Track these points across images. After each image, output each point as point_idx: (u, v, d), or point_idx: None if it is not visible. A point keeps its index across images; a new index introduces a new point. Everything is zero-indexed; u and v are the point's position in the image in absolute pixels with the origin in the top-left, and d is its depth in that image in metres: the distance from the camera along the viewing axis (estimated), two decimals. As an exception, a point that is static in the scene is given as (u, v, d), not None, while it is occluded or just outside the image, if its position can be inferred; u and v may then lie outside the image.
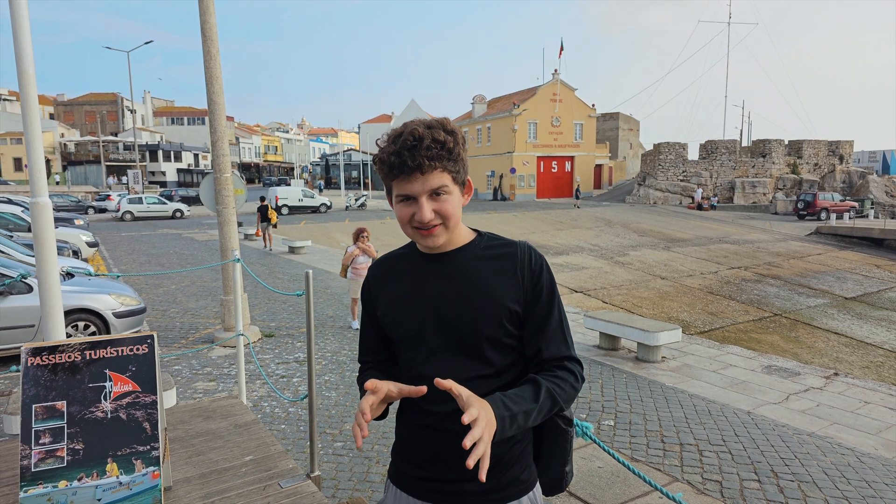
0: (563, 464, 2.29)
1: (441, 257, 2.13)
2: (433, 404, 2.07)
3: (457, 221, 2.06)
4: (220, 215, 11.26)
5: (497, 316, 2.04)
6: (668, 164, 64.69)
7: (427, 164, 1.92)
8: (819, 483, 6.20)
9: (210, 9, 10.83)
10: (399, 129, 2.00)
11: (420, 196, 1.96)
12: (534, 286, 2.09)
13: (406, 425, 2.25)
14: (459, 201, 2.06)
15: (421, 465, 2.17)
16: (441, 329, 2.07)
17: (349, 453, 6.71)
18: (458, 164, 2.02)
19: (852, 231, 40.37)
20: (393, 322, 2.20)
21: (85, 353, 2.21)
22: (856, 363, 16.71)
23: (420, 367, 2.12)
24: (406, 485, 2.22)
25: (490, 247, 2.15)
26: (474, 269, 2.10)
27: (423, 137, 1.93)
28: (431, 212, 1.97)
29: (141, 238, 32.73)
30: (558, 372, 2.06)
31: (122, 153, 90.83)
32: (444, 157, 1.96)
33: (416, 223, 2.00)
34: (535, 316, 2.09)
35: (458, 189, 2.05)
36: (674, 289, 24.82)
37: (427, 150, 1.92)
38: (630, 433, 7.44)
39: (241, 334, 7.69)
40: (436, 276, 2.12)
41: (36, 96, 4.61)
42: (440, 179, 1.97)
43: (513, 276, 2.08)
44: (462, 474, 2.06)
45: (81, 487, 2.11)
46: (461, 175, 2.05)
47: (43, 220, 4.66)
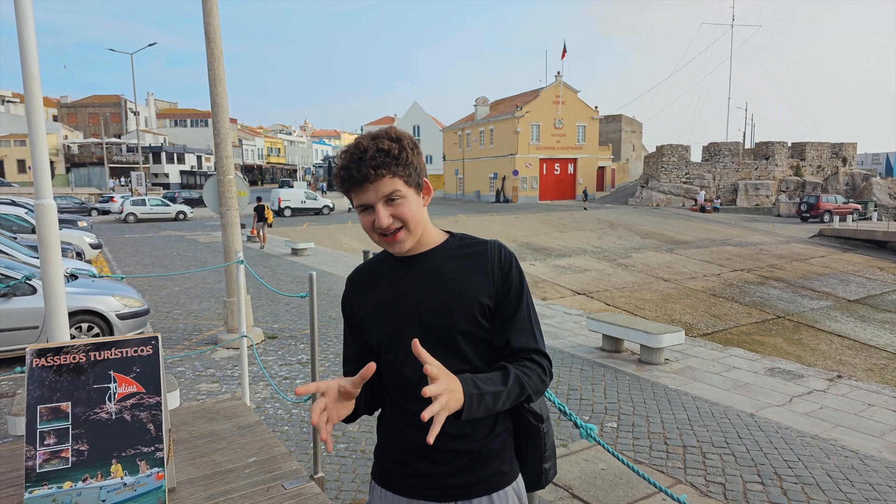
0: (540, 460, 2.34)
1: (414, 259, 2.19)
2: (415, 402, 2.09)
3: (418, 223, 2.12)
4: (224, 217, 11.27)
5: (470, 311, 2.10)
6: (671, 166, 64.70)
7: (373, 174, 2.00)
8: (822, 485, 6.19)
9: (213, 11, 10.84)
10: (349, 144, 2.10)
11: (375, 203, 2.04)
12: (503, 281, 2.15)
13: (389, 425, 2.29)
14: (417, 203, 2.12)
15: (406, 462, 2.20)
16: (418, 327, 2.11)
17: (352, 455, 6.72)
18: (408, 168, 2.07)
19: (855, 233, 40.39)
20: (371, 326, 2.24)
21: (90, 354, 2.22)
22: (859, 365, 16.72)
23: (401, 368, 2.16)
24: (391, 484, 2.25)
25: (461, 246, 2.23)
26: (447, 267, 2.17)
27: (367, 149, 2.02)
28: (389, 217, 2.05)
29: (144, 240, 32.78)
30: (526, 363, 2.12)
31: (126, 155, 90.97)
32: (390, 164, 2.02)
33: (378, 230, 2.07)
34: (504, 309, 2.15)
35: (413, 192, 2.10)
36: (676, 291, 24.83)
37: (371, 159, 2.00)
38: (633, 435, 7.44)
39: (245, 336, 7.70)
40: (410, 278, 2.18)
41: (40, 98, 4.61)
42: (391, 185, 2.03)
43: (484, 273, 2.15)
44: (447, 469, 2.14)
45: (86, 488, 2.11)
46: (414, 178, 2.10)
47: (47, 221, 4.67)
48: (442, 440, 2.05)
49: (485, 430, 2.16)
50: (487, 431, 2.16)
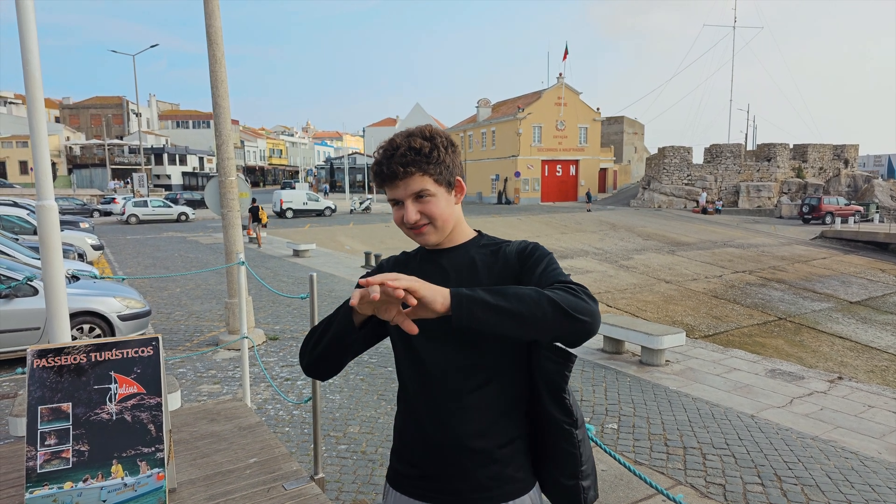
0: (576, 475, 2.10)
1: (441, 252, 2.21)
2: (431, 397, 2.11)
3: (446, 221, 2.12)
4: (225, 218, 11.28)
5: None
6: (673, 167, 64.68)
7: (401, 171, 2.03)
8: (822, 487, 6.20)
9: (215, 12, 10.85)
10: (386, 140, 2.13)
11: (405, 199, 2.07)
12: (525, 260, 2.10)
13: (402, 423, 2.28)
14: (447, 202, 2.12)
15: (417, 464, 2.18)
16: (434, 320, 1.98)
17: (353, 456, 6.73)
18: (439, 167, 2.07)
19: (857, 235, 40.36)
20: None
21: (90, 355, 2.22)
22: (860, 367, 16.71)
23: (417, 359, 2.15)
24: (404, 486, 2.22)
25: (488, 244, 2.22)
26: (471, 260, 2.16)
27: (399, 146, 2.05)
28: (417, 213, 2.07)
29: (146, 241, 32.79)
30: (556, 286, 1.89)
31: (128, 156, 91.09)
32: (420, 163, 2.04)
33: (406, 224, 2.10)
34: (531, 272, 2.04)
35: (443, 190, 2.11)
36: (678, 292, 24.82)
37: (402, 157, 2.03)
38: (633, 436, 7.45)
39: (246, 337, 7.71)
40: (436, 267, 2.18)
41: (42, 100, 4.62)
42: (420, 183, 2.05)
43: (505, 262, 2.12)
44: (458, 471, 2.09)
45: (87, 489, 2.12)
46: (444, 176, 2.10)
47: (48, 223, 4.68)
48: (455, 439, 2.07)
49: (499, 430, 2.10)
50: (502, 432, 2.10)
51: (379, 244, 32.12)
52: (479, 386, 2.07)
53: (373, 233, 38.41)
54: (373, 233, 38.41)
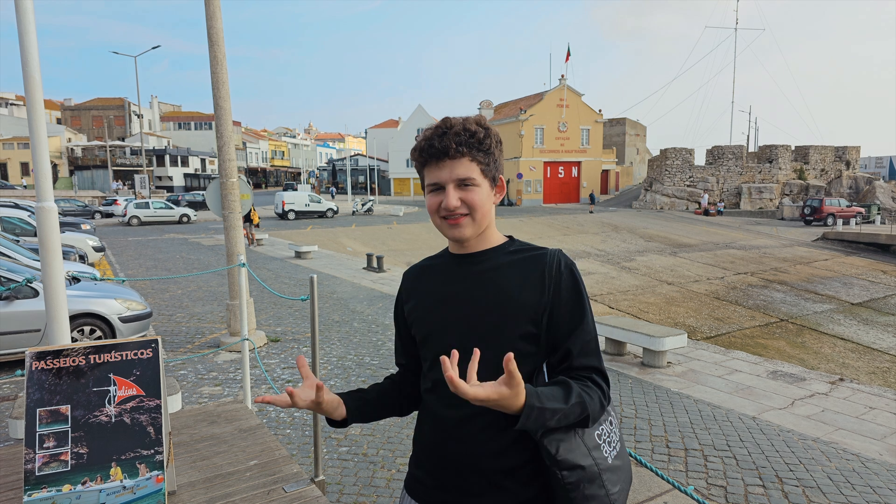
0: None
1: (470, 258, 2.13)
2: (450, 408, 2.05)
3: (485, 215, 2.06)
4: (227, 220, 11.27)
5: (520, 318, 2.00)
6: (675, 169, 64.68)
7: (454, 149, 1.97)
8: (824, 488, 6.19)
9: (217, 14, 10.85)
10: (437, 121, 2.06)
11: (447, 183, 1.99)
12: (560, 290, 2.03)
13: (422, 432, 2.23)
14: (489, 196, 2.07)
15: (436, 475, 2.13)
16: (463, 328, 2.05)
17: (354, 458, 6.72)
18: (488, 157, 2.03)
19: (859, 236, 40.33)
20: (417, 321, 2.20)
21: (89, 357, 2.22)
22: (862, 369, 16.69)
23: (438, 368, 2.05)
24: (420, 495, 2.19)
25: (520, 250, 2.14)
26: (502, 270, 2.08)
27: (454, 125, 2.00)
28: (458, 199, 1.99)
29: (147, 243, 32.80)
30: (588, 383, 1.97)
31: (129, 158, 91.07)
32: (472, 146, 1.99)
33: (443, 212, 2.03)
34: (564, 319, 2.03)
35: (487, 183, 2.06)
36: (680, 294, 24.81)
37: (456, 135, 1.97)
38: (635, 438, 7.44)
39: (247, 339, 7.70)
40: (462, 277, 2.12)
41: (42, 101, 4.62)
42: (468, 170, 2.00)
43: (540, 280, 2.04)
44: (473, 486, 2.04)
45: (85, 491, 2.11)
46: (491, 170, 2.06)
47: (48, 224, 4.67)
48: (471, 455, 2.02)
49: (517, 451, 2.01)
50: (519, 454, 2.02)
51: (381, 246, 32.14)
52: None
53: (375, 234, 38.43)
54: (375, 234, 38.43)
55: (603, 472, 1.96)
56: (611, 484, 1.97)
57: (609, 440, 2.04)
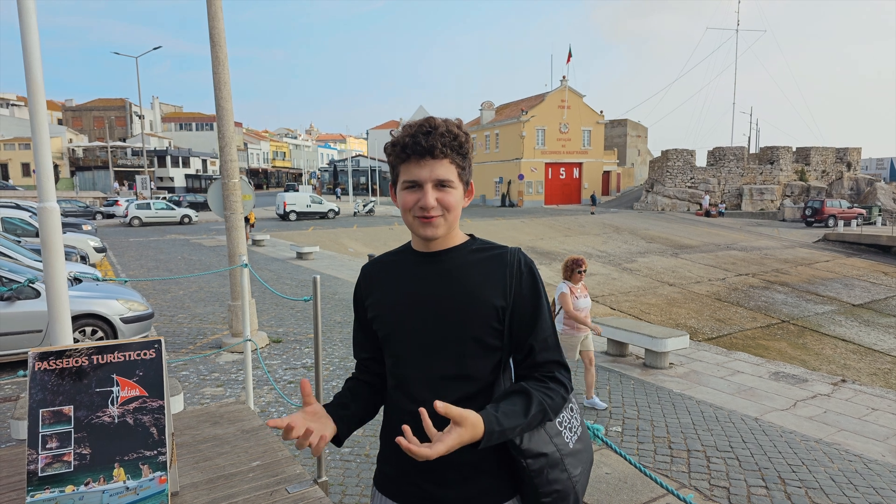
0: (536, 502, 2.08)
1: (433, 256, 2.17)
2: (416, 404, 2.06)
3: (455, 217, 2.11)
4: (228, 221, 11.27)
5: (483, 315, 2.06)
6: (676, 170, 64.65)
7: (439, 149, 2.00)
8: (826, 489, 6.18)
9: (218, 14, 10.85)
10: (417, 120, 2.08)
11: (426, 183, 2.02)
12: (522, 287, 2.10)
13: (389, 427, 2.27)
14: (461, 199, 2.11)
15: (404, 469, 2.17)
16: (426, 326, 2.09)
17: (356, 459, 6.72)
18: (465, 161, 2.09)
19: (860, 238, 40.31)
20: (379, 318, 2.22)
21: (92, 357, 2.21)
22: (863, 370, 16.69)
23: (403, 365, 2.15)
24: (390, 490, 2.23)
25: (481, 249, 2.19)
26: (464, 268, 2.13)
27: (439, 126, 2.02)
28: (435, 199, 2.02)
29: (149, 243, 32.81)
30: (550, 383, 2.07)
31: (131, 159, 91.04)
32: (455, 149, 2.04)
33: (418, 210, 2.05)
34: (525, 317, 2.10)
35: (461, 187, 2.11)
36: (682, 295, 24.80)
37: (442, 136, 2.00)
38: (638, 439, 7.44)
39: (249, 340, 7.70)
40: (425, 275, 2.16)
41: (44, 102, 4.61)
42: (447, 171, 2.03)
43: (501, 278, 2.10)
44: (444, 478, 2.10)
45: (88, 492, 2.11)
46: (466, 174, 2.12)
47: (51, 224, 4.67)
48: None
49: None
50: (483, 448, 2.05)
51: (382, 247, 32.11)
52: (464, 397, 2.05)
53: (376, 235, 38.43)
54: (376, 235, 38.43)
55: (565, 456, 2.07)
56: (572, 467, 2.09)
57: (570, 426, 2.16)
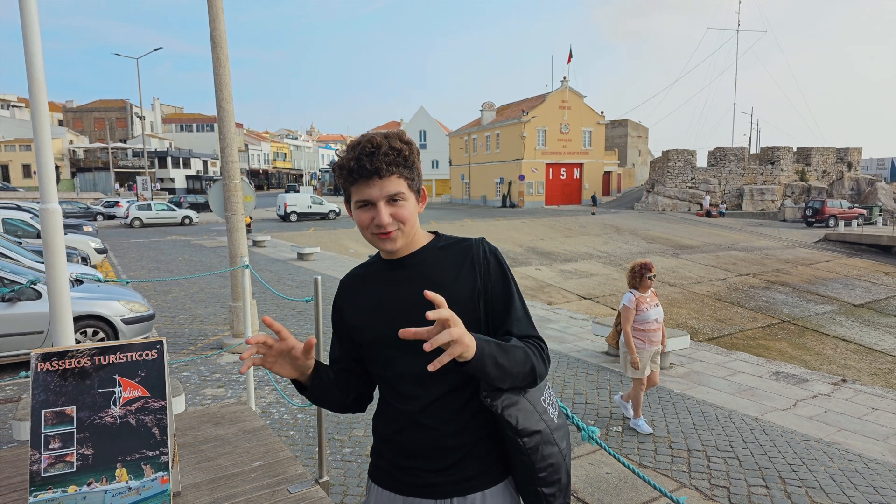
0: (532, 480, 2.14)
1: (402, 261, 2.22)
2: (406, 402, 2.17)
3: (413, 226, 2.16)
4: (229, 222, 11.28)
5: (460, 309, 2.04)
6: (677, 171, 64.64)
7: (385, 169, 2.03)
8: (826, 489, 6.19)
9: (219, 16, 10.87)
10: (357, 138, 2.11)
11: (378, 201, 2.06)
12: (490, 274, 2.18)
13: (381, 425, 2.32)
14: (415, 208, 2.17)
15: (398, 461, 2.24)
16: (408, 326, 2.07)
17: (357, 459, 6.73)
18: (413, 172, 2.14)
19: (860, 238, 40.27)
20: (361, 327, 2.28)
21: (94, 358, 2.22)
22: (864, 370, 16.68)
23: (392, 367, 2.20)
24: (386, 482, 2.28)
25: (447, 245, 2.26)
26: (433, 266, 2.20)
27: (381, 145, 2.04)
28: (389, 216, 2.07)
29: (150, 245, 32.81)
30: (530, 343, 2.11)
31: (131, 160, 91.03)
32: (400, 164, 2.07)
33: (374, 228, 2.09)
34: (498, 303, 2.17)
35: (413, 196, 2.16)
36: (682, 295, 24.80)
37: (385, 155, 2.03)
38: (638, 439, 7.44)
39: (250, 340, 7.69)
40: (397, 280, 2.22)
41: (45, 103, 4.63)
42: (396, 186, 2.07)
43: (470, 268, 2.17)
44: (439, 465, 2.16)
45: (91, 492, 2.12)
46: (416, 183, 2.17)
47: (52, 226, 4.68)
48: (434, 437, 2.13)
49: (475, 426, 2.16)
50: (478, 428, 2.17)
51: (382, 247, 32.05)
52: (452, 389, 2.13)
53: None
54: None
55: (553, 431, 2.16)
56: (560, 440, 2.18)
57: (551, 402, 2.26)
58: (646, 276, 7.66)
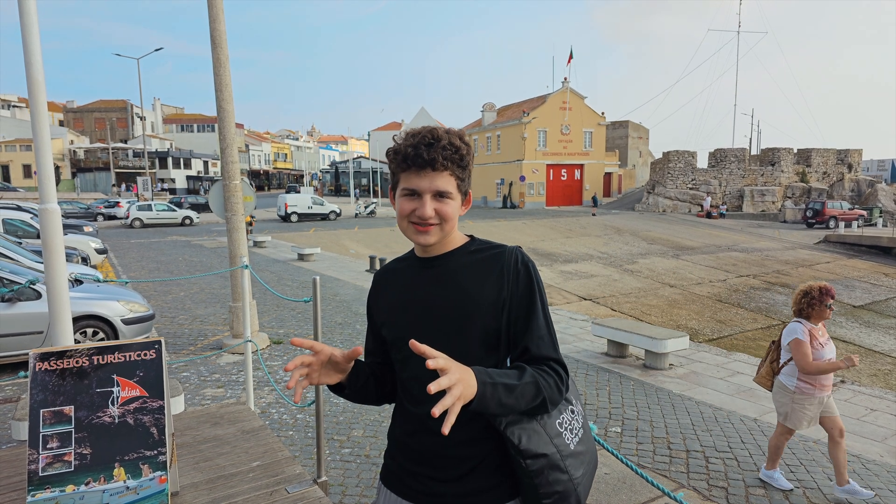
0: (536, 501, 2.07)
1: (433, 261, 2.20)
2: (420, 406, 2.14)
3: (452, 226, 2.14)
4: (229, 222, 11.29)
5: (482, 315, 2.09)
6: (678, 172, 64.61)
7: (440, 162, 2.02)
8: (824, 489, 6.20)
9: (220, 16, 10.87)
10: (418, 128, 2.09)
11: (425, 193, 2.05)
12: (518, 285, 2.13)
13: (395, 427, 2.33)
14: (458, 209, 2.15)
15: (409, 466, 2.23)
16: (429, 329, 2.11)
17: (356, 459, 6.73)
18: (465, 172, 2.12)
19: (861, 239, 40.26)
20: (387, 324, 2.27)
21: (93, 358, 2.23)
22: (863, 371, 16.66)
23: (407, 369, 2.20)
24: (395, 486, 2.27)
25: (480, 250, 2.22)
26: (463, 270, 2.16)
27: (441, 138, 2.04)
28: (433, 210, 2.05)
29: (150, 245, 32.82)
30: (545, 368, 2.06)
31: (132, 160, 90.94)
32: (455, 162, 2.06)
33: (415, 218, 2.08)
34: (521, 316, 2.12)
35: (460, 198, 2.14)
36: (682, 297, 24.79)
37: (443, 149, 2.02)
38: (637, 440, 7.45)
39: (250, 341, 7.72)
40: (427, 279, 2.20)
41: (45, 103, 4.63)
42: (447, 183, 2.06)
43: (499, 277, 2.13)
44: (447, 475, 2.13)
45: (89, 492, 2.12)
46: (465, 185, 2.15)
47: (52, 226, 4.68)
48: (443, 445, 2.09)
49: (486, 438, 2.11)
50: (489, 440, 2.11)
51: (384, 248, 32.12)
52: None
53: (378, 237, 38.40)
54: (378, 237, 38.40)
55: (565, 458, 2.07)
56: (573, 469, 2.08)
57: (570, 428, 2.15)
58: (825, 305, 6.28)
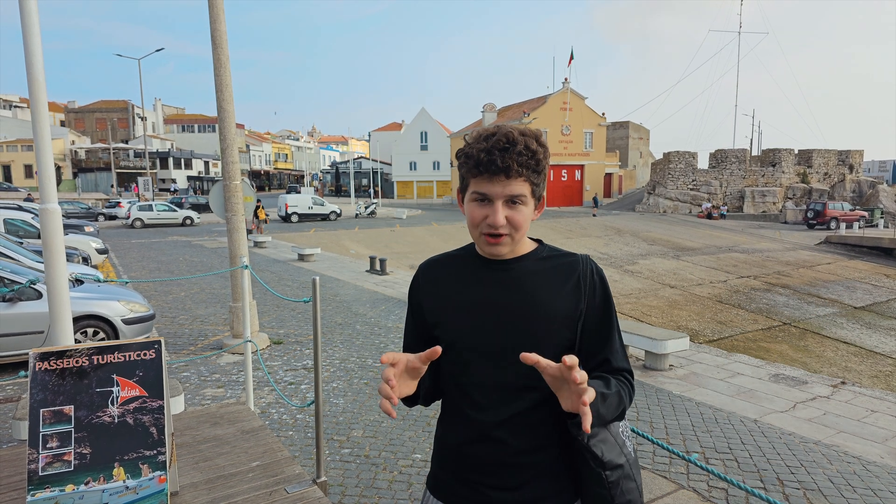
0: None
1: (500, 263, 2.10)
2: (481, 412, 2.05)
3: (524, 234, 2.06)
4: (230, 222, 11.29)
5: (558, 325, 2.02)
6: (678, 172, 64.59)
7: (514, 170, 1.91)
8: (825, 491, 6.19)
9: (220, 17, 10.87)
10: (492, 128, 1.99)
11: (497, 200, 1.94)
12: (595, 297, 2.07)
13: (449, 432, 2.20)
14: (531, 215, 2.04)
15: (464, 474, 2.12)
16: (493, 335, 2.03)
17: (356, 460, 6.73)
18: (540, 177, 2.00)
19: (862, 240, 40.25)
20: (443, 324, 2.15)
21: (92, 358, 2.23)
22: (864, 372, 16.68)
23: (470, 373, 2.08)
24: (444, 495, 2.17)
25: (551, 257, 2.14)
26: (533, 278, 2.07)
27: (517, 142, 1.92)
28: (504, 218, 1.95)
29: (151, 245, 32.81)
30: (621, 378, 2.05)
31: (133, 160, 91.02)
32: (531, 167, 1.94)
33: (485, 227, 1.98)
34: (599, 327, 2.08)
35: (533, 203, 2.04)
36: (683, 297, 24.79)
37: (519, 155, 1.91)
38: (637, 440, 7.44)
39: (250, 341, 7.72)
40: (493, 282, 2.09)
41: (45, 103, 4.64)
42: (521, 188, 1.95)
43: (574, 287, 2.06)
44: (509, 483, 2.04)
45: (88, 491, 2.13)
46: (539, 189, 2.03)
47: (52, 226, 4.69)
48: (507, 454, 2.02)
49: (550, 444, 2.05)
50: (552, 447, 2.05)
51: (384, 249, 32.12)
52: (530, 407, 2.02)
53: (378, 237, 38.42)
54: (378, 237, 38.42)
55: (632, 465, 2.04)
56: (637, 475, 2.06)
57: (628, 435, 2.10)
58: None
